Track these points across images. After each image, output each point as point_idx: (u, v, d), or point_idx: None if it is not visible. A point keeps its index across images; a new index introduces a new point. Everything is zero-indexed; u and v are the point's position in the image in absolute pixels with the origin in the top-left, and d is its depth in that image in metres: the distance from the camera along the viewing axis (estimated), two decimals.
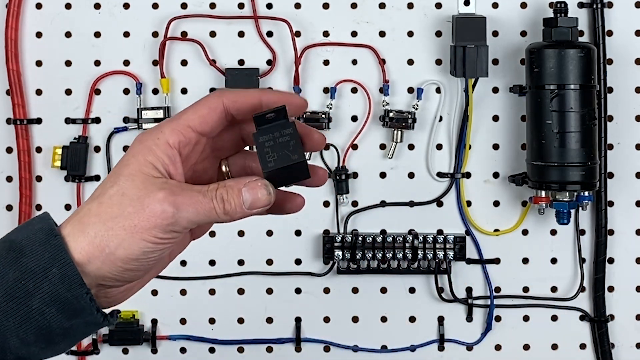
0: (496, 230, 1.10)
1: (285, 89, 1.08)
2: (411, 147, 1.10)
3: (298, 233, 1.10)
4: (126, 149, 1.09)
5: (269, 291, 1.11)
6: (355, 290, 1.11)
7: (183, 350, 1.11)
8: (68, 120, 1.09)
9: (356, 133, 1.09)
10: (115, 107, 1.09)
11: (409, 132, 1.09)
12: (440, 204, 1.10)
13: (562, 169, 1.01)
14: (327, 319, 1.11)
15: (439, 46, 1.09)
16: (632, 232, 1.10)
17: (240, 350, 1.11)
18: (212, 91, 1.08)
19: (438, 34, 1.09)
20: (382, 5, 1.09)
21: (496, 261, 1.10)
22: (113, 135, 1.09)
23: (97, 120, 1.09)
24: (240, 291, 1.11)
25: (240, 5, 1.09)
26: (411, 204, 1.10)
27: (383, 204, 1.10)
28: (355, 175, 1.10)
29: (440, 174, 1.10)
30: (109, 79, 1.09)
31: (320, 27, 1.09)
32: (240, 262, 1.11)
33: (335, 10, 1.09)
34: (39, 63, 1.09)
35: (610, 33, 1.08)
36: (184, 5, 1.09)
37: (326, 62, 1.09)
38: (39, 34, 1.09)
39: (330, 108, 1.08)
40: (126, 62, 1.09)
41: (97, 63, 1.09)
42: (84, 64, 1.09)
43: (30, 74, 1.09)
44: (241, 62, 1.09)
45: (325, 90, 1.09)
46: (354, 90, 1.09)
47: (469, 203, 1.10)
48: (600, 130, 1.06)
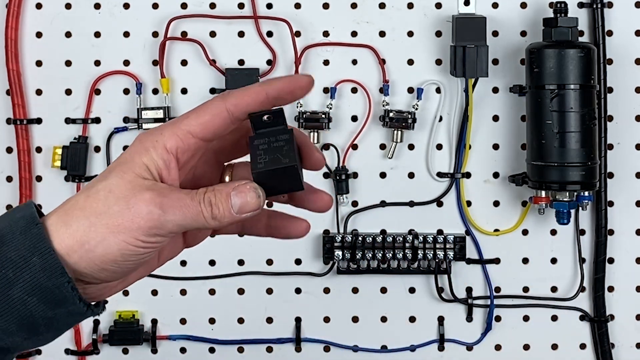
0: (496, 230, 1.10)
1: None
2: (411, 147, 1.10)
3: None
4: (126, 149, 1.09)
5: (269, 291, 1.11)
6: (355, 290, 1.11)
7: (183, 350, 1.11)
8: (68, 120, 1.09)
9: (356, 133, 1.09)
10: (115, 107, 1.09)
11: (409, 132, 1.09)
12: (440, 204, 1.10)
13: (562, 169, 1.01)
14: (327, 319, 1.11)
15: (439, 46, 1.09)
16: (632, 232, 1.10)
17: (240, 350, 1.11)
18: (212, 92, 1.08)
19: (438, 34, 1.09)
20: (382, 5, 1.09)
21: (496, 261, 1.10)
22: (113, 135, 1.09)
23: (97, 120, 1.09)
24: (240, 291, 1.11)
25: (240, 5, 1.09)
26: (411, 204, 1.10)
27: (383, 204, 1.10)
28: (355, 175, 1.10)
29: (440, 174, 1.10)
30: (109, 79, 1.09)
31: (320, 27, 1.09)
32: (240, 262, 1.11)
33: (335, 10, 1.09)
34: (39, 63, 1.09)
35: (610, 33, 1.08)
36: (184, 5, 1.09)
37: (326, 62, 1.09)
38: (39, 34, 1.09)
39: (330, 108, 1.08)
40: (126, 62, 1.09)
41: (97, 63, 1.09)
42: (84, 64, 1.09)
43: (30, 74, 1.09)
44: (241, 62, 1.09)
45: (325, 90, 1.09)
46: (354, 90, 1.09)
47: (469, 203, 1.10)
48: (600, 130, 1.06)
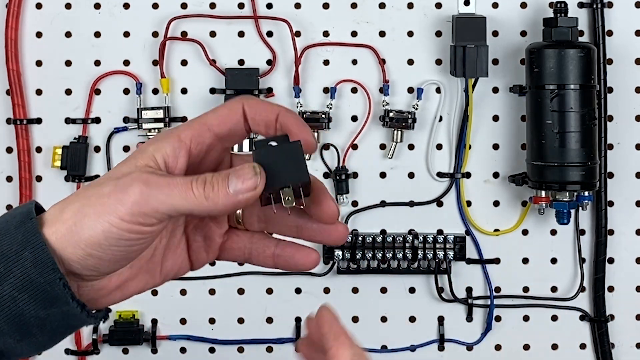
0: (496, 230, 1.10)
1: (285, 89, 1.09)
2: (411, 147, 1.10)
3: None
4: (126, 149, 1.10)
5: (269, 291, 1.11)
6: (355, 290, 1.11)
7: (183, 350, 1.11)
8: (68, 120, 1.09)
9: (356, 133, 1.09)
10: (115, 107, 1.09)
11: (409, 132, 1.09)
12: (440, 204, 1.10)
13: (562, 168, 1.01)
14: None
15: (439, 46, 1.09)
16: (632, 232, 1.10)
17: (240, 350, 1.11)
18: (212, 92, 1.09)
19: (438, 34, 1.09)
20: (382, 5, 1.09)
21: (496, 261, 1.10)
22: (113, 135, 1.09)
23: (97, 120, 1.09)
24: (240, 291, 1.11)
25: (240, 5, 1.09)
26: (411, 204, 1.10)
27: (383, 204, 1.10)
28: (355, 175, 1.10)
29: (440, 174, 1.10)
30: (109, 79, 1.09)
31: (320, 27, 1.09)
32: (240, 262, 1.11)
33: (335, 10, 1.09)
34: (39, 63, 1.09)
35: (610, 33, 1.08)
36: (184, 5, 1.09)
37: (326, 62, 1.09)
38: (39, 34, 1.09)
39: (330, 108, 1.08)
40: (126, 62, 1.09)
41: (97, 63, 1.09)
42: (84, 64, 1.09)
43: (30, 74, 1.09)
44: (241, 62, 1.09)
45: (325, 90, 1.09)
46: (354, 90, 1.09)
47: (469, 203, 1.10)
48: (600, 130, 1.06)
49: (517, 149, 1.09)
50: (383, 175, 1.10)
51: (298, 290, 1.11)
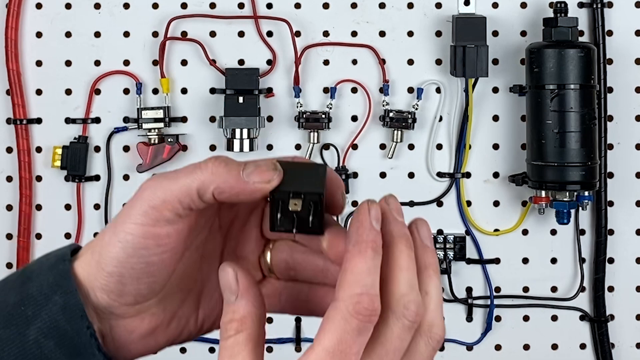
0: (496, 230, 1.10)
1: (285, 89, 1.09)
2: (411, 147, 1.10)
3: None
4: (126, 148, 1.10)
5: None
6: None
7: (183, 350, 1.11)
8: (68, 120, 1.09)
9: (356, 133, 1.09)
10: (115, 107, 1.09)
11: (409, 132, 1.09)
12: (440, 204, 1.10)
13: (562, 168, 1.01)
14: None
15: (439, 46, 1.09)
16: (632, 232, 1.10)
17: None
18: (212, 92, 1.09)
19: (438, 34, 1.09)
20: (382, 5, 1.09)
21: (496, 261, 1.10)
22: (113, 135, 1.09)
23: (97, 120, 1.09)
24: None
25: (240, 5, 1.09)
26: (411, 204, 1.10)
27: None
28: (355, 175, 1.10)
29: (440, 174, 1.10)
30: (109, 79, 1.09)
31: (320, 27, 1.09)
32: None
33: (335, 10, 1.09)
34: (39, 63, 1.09)
35: (610, 33, 1.08)
36: (184, 5, 1.09)
37: (326, 62, 1.09)
38: (39, 34, 1.09)
39: (330, 108, 1.08)
40: (126, 62, 1.09)
41: (97, 63, 1.09)
42: (84, 64, 1.09)
43: (30, 74, 1.09)
44: (241, 62, 1.09)
45: (325, 90, 1.09)
46: (354, 90, 1.09)
47: (469, 203, 1.10)
48: (600, 130, 1.06)
49: (517, 149, 1.09)
50: (383, 175, 1.10)
51: None
